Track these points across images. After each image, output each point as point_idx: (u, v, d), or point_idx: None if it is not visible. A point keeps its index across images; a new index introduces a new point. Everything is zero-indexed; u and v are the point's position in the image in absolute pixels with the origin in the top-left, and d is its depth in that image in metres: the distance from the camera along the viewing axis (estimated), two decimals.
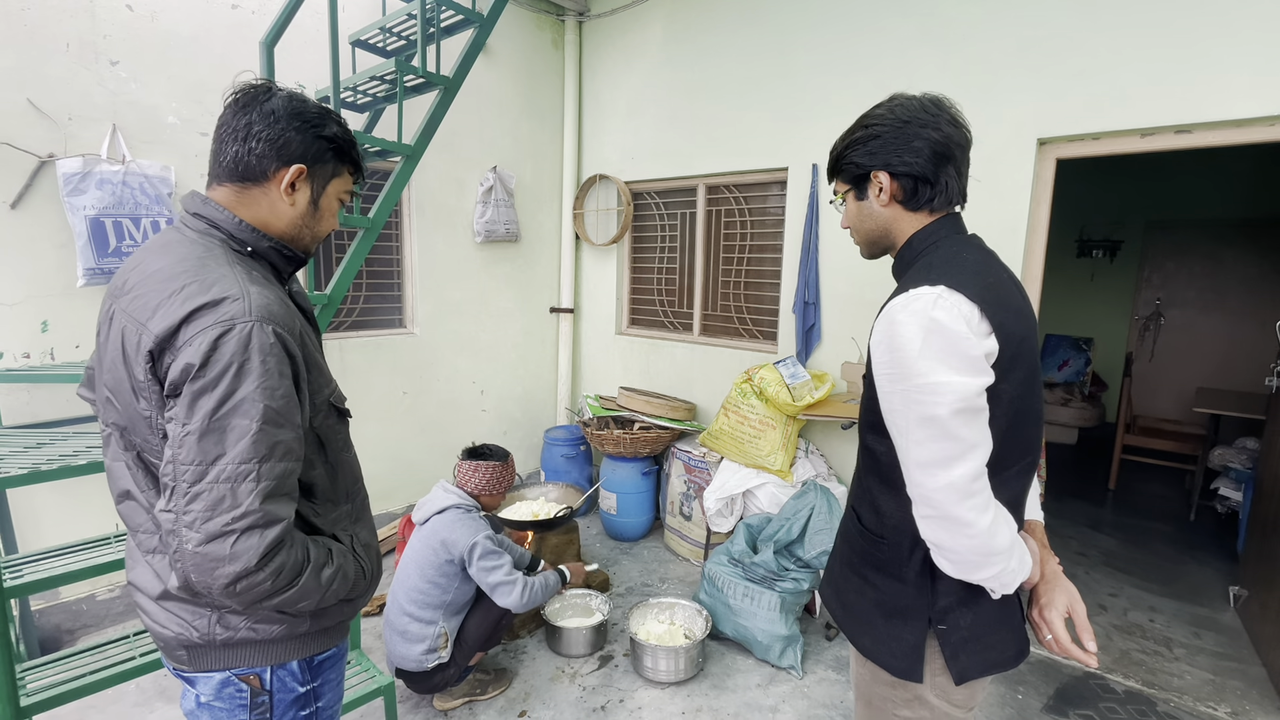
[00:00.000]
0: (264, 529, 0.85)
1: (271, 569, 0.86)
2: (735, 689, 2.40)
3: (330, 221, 1.09)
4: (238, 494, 0.83)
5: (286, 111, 0.99)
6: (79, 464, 1.66)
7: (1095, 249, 6.06)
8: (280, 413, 0.88)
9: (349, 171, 1.09)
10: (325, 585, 0.95)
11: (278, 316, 0.90)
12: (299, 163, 1.00)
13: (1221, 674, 2.54)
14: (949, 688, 1.04)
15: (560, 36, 4.19)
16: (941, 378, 0.88)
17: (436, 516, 2.19)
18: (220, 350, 0.84)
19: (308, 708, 1.06)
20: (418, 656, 2.10)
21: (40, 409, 2.43)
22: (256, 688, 1.00)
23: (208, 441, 0.84)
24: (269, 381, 0.86)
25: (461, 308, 3.86)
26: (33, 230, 2.36)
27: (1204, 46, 2.25)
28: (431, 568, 2.12)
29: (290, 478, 0.90)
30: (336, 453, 1.06)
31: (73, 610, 2.57)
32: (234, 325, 0.85)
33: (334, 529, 1.04)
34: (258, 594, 0.86)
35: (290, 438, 0.89)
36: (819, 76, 3.21)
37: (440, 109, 2.43)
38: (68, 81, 2.38)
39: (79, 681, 1.63)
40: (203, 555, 0.83)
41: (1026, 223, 2.67)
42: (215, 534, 0.83)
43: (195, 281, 0.88)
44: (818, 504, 2.79)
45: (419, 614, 2.12)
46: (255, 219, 1.00)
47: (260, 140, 0.97)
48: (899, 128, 1.02)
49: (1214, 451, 4.21)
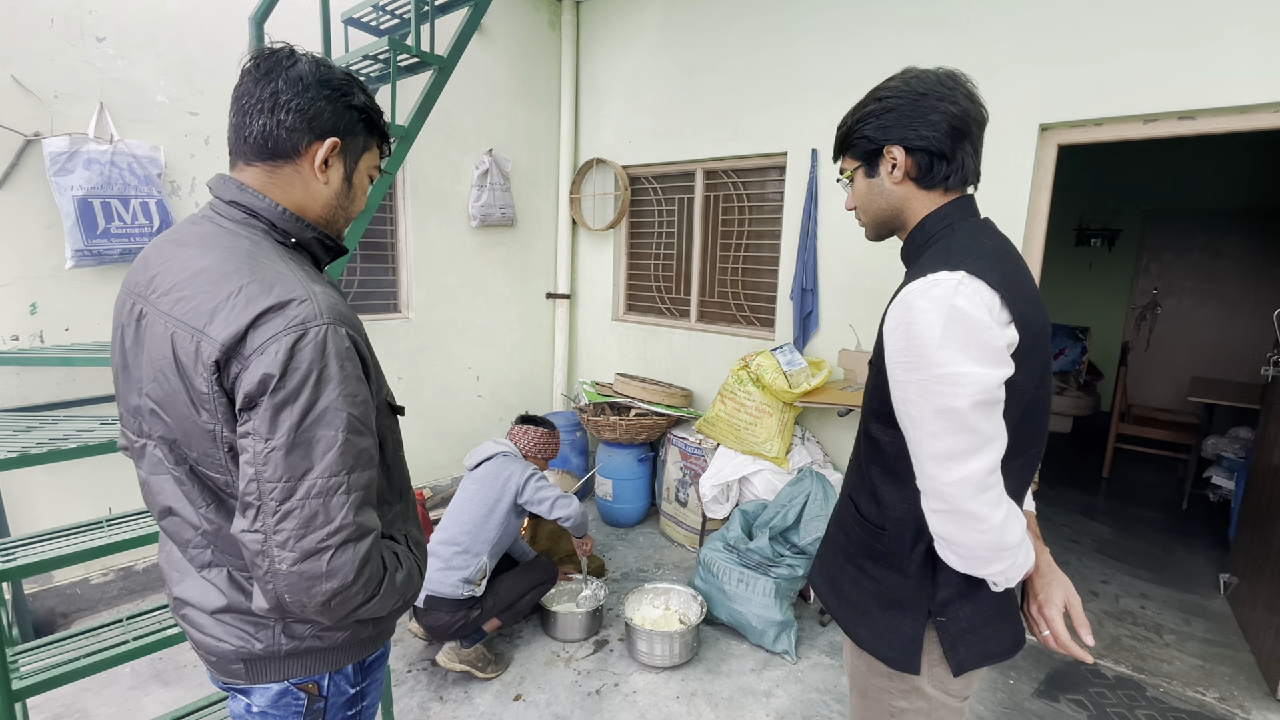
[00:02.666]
0: (357, 542, 0.82)
1: (364, 581, 0.83)
2: (730, 673, 2.41)
3: (362, 200, 1.02)
4: (330, 509, 0.80)
5: (315, 79, 0.90)
6: (69, 447, 1.64)
7: (1094, 238, 6.05)
8: (362, 420, 0.84)
9: (377, 143, 1.01)
10: (401, 590, 0.92)
11: (347, 317, 0.86)
12: (333, 136, 0.92)
13: (1211, 660, 2.57)
14: (946, 678, 1.03)
15: (557, 18, 4.12)
16: (963, 368, 0.84)
17: (488, 462, 2.42)
18: (298, 358, 0.79)
19: (355, 707, 1.05)
20: (455, 582, 2.22)
21: (30, 392, 2.41)
22: (314, 695, 0.98)
23: (295, 456, 0.79)
24: (349, 388, 0.82)
25: (457, 293, 3.83)
26: (20, 211, 2.32)
27: (1208, 31, 2.22)
28: (486, 503, 2.32)
29: (374, 486, 0.86)
30: (393, 451, 1.02)
31: (66, 594, 2.56)
32: (308, 330, 0.80)
33: (390, 529, 1.01)
34: (350, 607, 0.83)
35: (370, 444, 0.86)
36: (819, 60, 3.16)
37: (435, 89, 2.39)
38: (53, 58, 2.33)
39: (73, 665, 1.62)
40: (299, 574, 0.79)
41: (1027, 209, 2.66)
42: (310, 551, 0.79)
43: (254, 281, 0.81)
44: (813, 491, 2.80)
45: (469, 545, 2.27)
46: (292, 203, 0.93)
47: (290, 111, 0.88)
48: (915, 100, 0.97)
49: (1207, 440, 4.23)
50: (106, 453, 1.70)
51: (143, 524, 1.87)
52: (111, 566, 2.67)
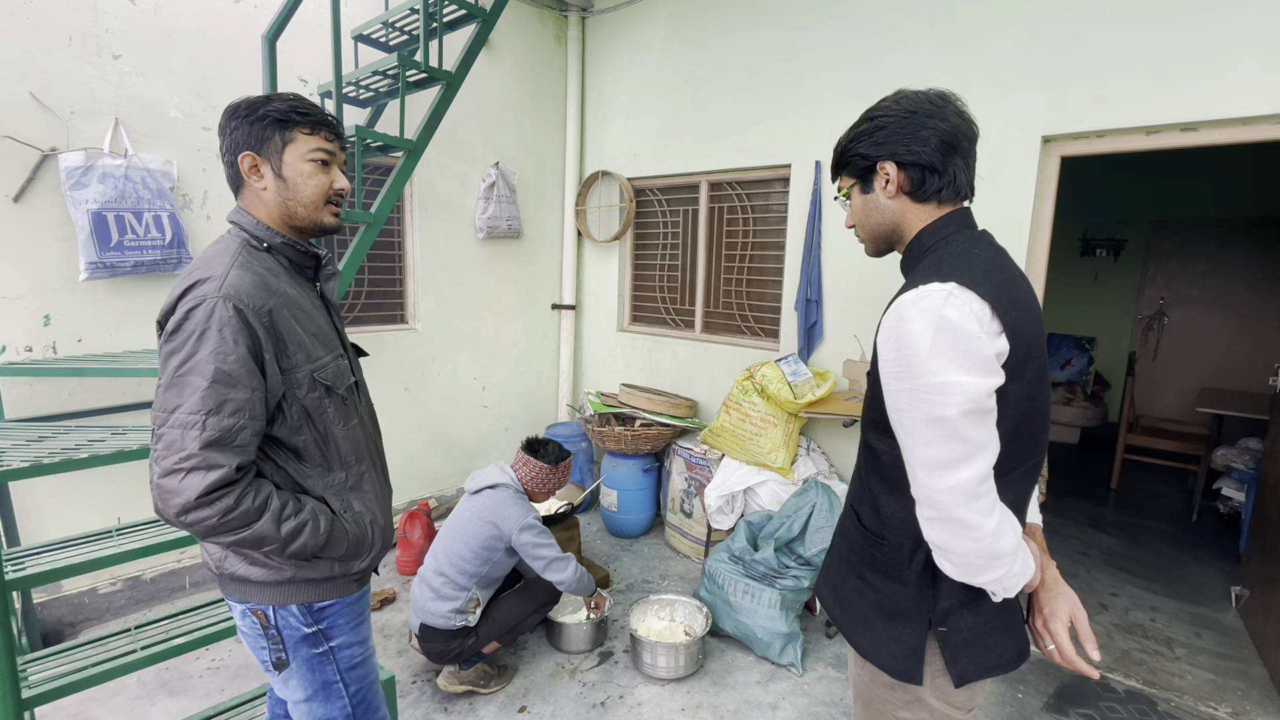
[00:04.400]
0: (206, 471, 0.99)
1: (217, 508, 1.00)
2: (735, 686, 2.40)
3: (309, 185, 1.16)
4: (185, 439, 0.99)
5: (227, 115, 1.15)
6: (80, 457, 1.66)
7: (1099, 248, 6.04)
8: (232, 375, 1.02)
9: (303, 133, 1.15)
10: (287, 536, 1.08)
11: (243, 294, 1.04)
12: (244, 149, 1.13)
13: (1223, 674, 2.54)
14: (949, 690, 1.03)
15: (563, 32, 4.17)
16: (951, 377, 0.86)
17: (489, 490, 2.30)
18: (190, 321, 1.02)
19: (319, 645, 1.22)
20: (445, 613, 2.18)
21: (42, 403, 2.44)
22: (264, 622, 1.17)
23: (170, 393, 1.01)
24: (223, 348, 1.01)
25: (463, 304, 3.85)
26: (35, 224, 2.36)
27: (1210, 43, 2.23)
28: (477, 539, 2.20)
29: (241, 433, 1.03)
30: (326, 425, 1.18)
31: (74, 603, 2.58)
32: (204, 300, 1.02)
33: (324, 493, 1.18)
34: (206, 527, 1.01)
35: (242, 397, 1.03)
36: (823, 73, 3.19)
37: (442, 104, 2.43)
38: (70, 75, 2.38)
39: (80, 674, 1.64)
40: (160, 487, 1.00)
41: (1030, 220, 2.66)
42: (168, 470, 0.99)
43: (200, 269, 1.07)
44: (819, 502, 2.79)
45: (455, 578, 2.20)
46: (262, 214, 1.17)
47: (223, 153, 1.16)
48: (906, 118, 1.00)
49: (1217, 451, 4.19)
50: (117, 462, 1.72)
51: (152, 533, 1.88)
52: (120, 576, 2.69)
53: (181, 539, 1.82)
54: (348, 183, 1.21)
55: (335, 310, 1.30)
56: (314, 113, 1.16)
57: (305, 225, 1.19)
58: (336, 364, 1.21)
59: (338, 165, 1.21)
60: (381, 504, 1.31)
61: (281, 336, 1.10)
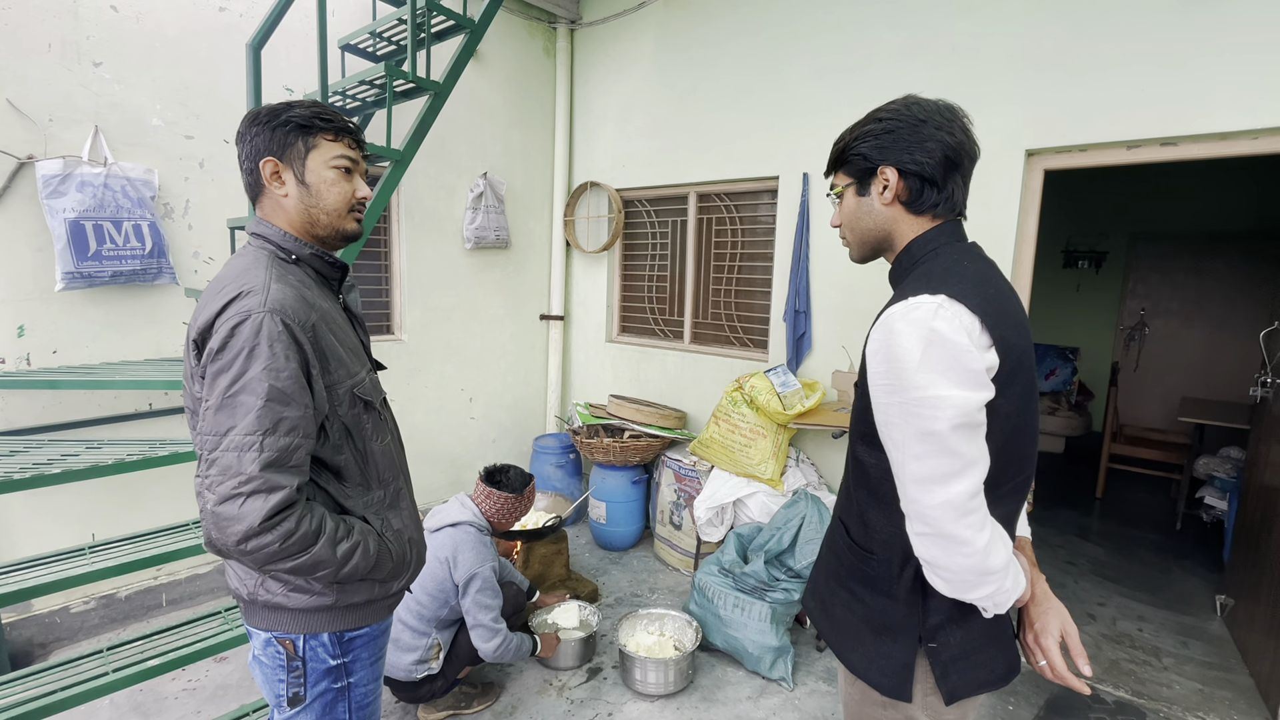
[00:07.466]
0: (267, 494, 0.94)
1: (279, 532, 0.95)
2: (725, 701, 2.37)
3: (332, 192, 1.14)
4: (243, 462, 0.94)
5: (247, 122, 1.12)
6: (53, 473, 1.62)
7: (1081, 260, 6.14)
8: (286, 392, 0.97)
9: (326, 139, 1.12)
10: (342, 559, 1.04)
11: (289, 309, 1.00)
12: (267, 155, 1.10)
13: (1210, 683, 2.55)
14: (939, 707, 1.01)
15: (552, 44, 4.19)
16: (941, 391, 0.85)
17: (449, 529, 2.15)
18: (236, 337, 0.96)
19: (340, 681, 1.16)
20: (407, 666, 2.07)
21: (15, 415, 2.37)
22: (291, 652, 1.11)
23: (222, 415, 0.95)
24: (275, 364, 0.97)
25: (450, 315, 3.82)
26: (10, 233, 2.31)
27: (1189, 60, 2.28)
28: (432, 581, 2.07)
29: (297, 452, 0.99)
30: (365, 441, 1.14)
31: (45, 623, 2.50)
32: (249, 315, 0.97)
33: (365, 512, 1.14)
34: (267, 554, 0.96)
35: (297, 416, 0.99)
36: (810, 87, 3.22)
37: (430, 114, 2.41)
38: (49, 82, 2.34)
39: (50, 698, 1.58)
40: (218, 515, 0.94)
41: (1015, 233, 2.69)
42: (226, 496, 0.93)
43: (234, 283, 1.02)
44: (808, 513, 2.78)
45: (414, 624, 2.08)
46: (282, 223, 1.13)
47: (242, 160, 1.12)
48: (915, 125, 0.99)
49: (1199, 461, 4.24)
50: (91, 477, 1.68)
51: (127, 550, 1.83)
52: (93, 594, 2.61)
53: (157, 556, 1.77)
54: (369, 191, 1.19)
55: (360, 323, 1.27)
56: (337, 119, 1.14)
57: (327, 233, 1.16)
58: (370, 378, 1.18)
59: (360, 174, 1.18)
60: (415, 520, 1.28)
61: (324, 352, 1.06)
